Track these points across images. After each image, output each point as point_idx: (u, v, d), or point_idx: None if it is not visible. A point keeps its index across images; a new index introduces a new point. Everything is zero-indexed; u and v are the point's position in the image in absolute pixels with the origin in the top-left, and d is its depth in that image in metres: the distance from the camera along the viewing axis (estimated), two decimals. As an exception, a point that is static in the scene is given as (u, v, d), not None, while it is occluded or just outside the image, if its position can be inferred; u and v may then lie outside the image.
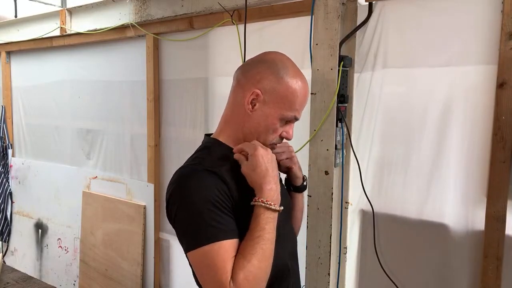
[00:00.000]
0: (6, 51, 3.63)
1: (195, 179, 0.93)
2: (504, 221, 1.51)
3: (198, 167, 0.97)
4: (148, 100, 2.66)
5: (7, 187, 3.76)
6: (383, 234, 1.83)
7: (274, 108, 1.01)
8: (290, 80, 1.01)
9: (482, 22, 1.55)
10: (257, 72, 1.03)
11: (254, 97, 1.01)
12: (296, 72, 1.04)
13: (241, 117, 1.04)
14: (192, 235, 0.91)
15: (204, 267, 0.89)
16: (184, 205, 0.92)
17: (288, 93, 1.01)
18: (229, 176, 0.97)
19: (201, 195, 0.90)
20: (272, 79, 1.01)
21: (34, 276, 3.60)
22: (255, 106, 1.02)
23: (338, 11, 1.69)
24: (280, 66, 1.03)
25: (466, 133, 1.61)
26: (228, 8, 2.11)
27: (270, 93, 1.01)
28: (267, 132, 1.03)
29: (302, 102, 1.04)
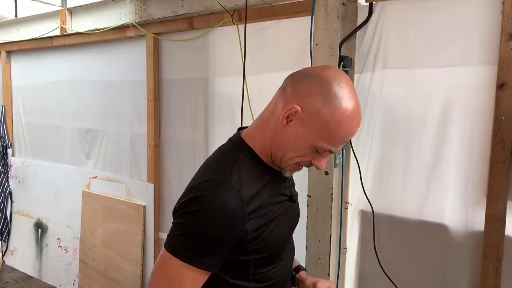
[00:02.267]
0: (6, 50, 3.63)
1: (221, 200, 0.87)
2: (504, 221, 1.51)
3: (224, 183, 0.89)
4: (148, 100, 2.66)
5: (7, 187, 3.76)
6: (382, 235, 1.83)
7: (309, 133, 0.89)
8: (338, 109, 0.86)
9: (482, 23, 1.55)
10: (306, 86, 0.90)
11: (292, 113, 0.89)
12: (350, 103, 0.88)
13: (274, 128, 0.94)
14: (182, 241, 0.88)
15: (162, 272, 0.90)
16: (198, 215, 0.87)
17: (331, 123, 0.87)
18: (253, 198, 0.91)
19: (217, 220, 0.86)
20: (319, 100, 0.87)
21: (33, 276, 3.60)
22: (291, 122, 0.90)
23: (338, 12, 1.69)
24: (334, 87, 0.87)
25: (466, 134, 1.61)
26: (228, 8, 2.11)
27: (310, 115, 0.88)
28: (294, 152, 0.93)
29: (343, 137, 0.90)
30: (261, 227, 0.93)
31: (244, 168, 0.94)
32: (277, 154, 0.95)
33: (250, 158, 0.97)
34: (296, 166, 0.97)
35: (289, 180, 1.08)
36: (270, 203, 0.96)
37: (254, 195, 0.91)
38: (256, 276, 0.97)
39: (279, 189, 1.02)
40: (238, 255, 0.93)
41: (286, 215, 1.03)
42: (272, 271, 1.01)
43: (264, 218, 0.93)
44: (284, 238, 1.04)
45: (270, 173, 0.99)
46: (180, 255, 0.87)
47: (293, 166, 0.96)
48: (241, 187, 0.89)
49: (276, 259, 1.01)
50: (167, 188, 2.69)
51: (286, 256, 1.06)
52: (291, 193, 1.07)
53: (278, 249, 1.00)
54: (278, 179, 1.01)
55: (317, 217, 1.79)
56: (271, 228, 0.95)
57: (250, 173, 0.94)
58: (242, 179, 0.91)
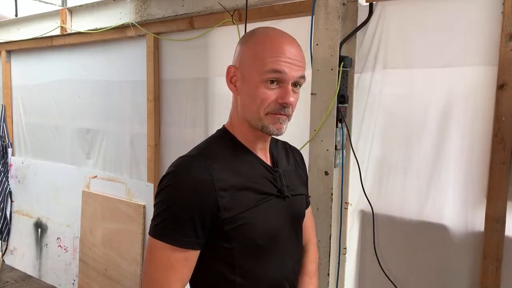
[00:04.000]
0: (6, 50, 3.63)
1: (185, 174, 0.88)
2: (504, 222, 1.51)
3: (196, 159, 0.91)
4: (148, 100, 2.66)
5: (7, 186, 3.76)
6: (382, 235, 1.83)
7: (250, 74, 0.91)
8: (256, 39, 0.93)
9: (483, 23, 1.55)
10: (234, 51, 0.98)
11: (231, 73, 0.95)
12: (265, 30, 0.95)
13: (235, 102, 0.98)
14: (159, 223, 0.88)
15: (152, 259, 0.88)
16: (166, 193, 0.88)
17: (257, 49, 0.91)
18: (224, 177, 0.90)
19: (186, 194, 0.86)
20: (241, 48, 0.95)
21: (33, 275, 3.59)
22: (236, 83, 0.95)
23: (338, 12, 1.69)
24: (250, 33, 0.97)
25: (466, 134, 1.61)
26: (229, 8, 2.11)
27: (242, 62, 0.94)
28: (254, 102, 0.91)
29: (276, 50, 0.90)
30: (238, 209, 0.90)
31: (219, 148, 0.96)
32: (248, 119, 0.95)
33: (228, 141, 0.99)
34: (271, 117, 0.92)
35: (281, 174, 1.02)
36: (250, 185, 0.94)
37: (226, 174, 0.90)
38: (242, 270, 0.92)
39: (265, 176, 0.98)
40: (219, 240, 0.90)
41: (277, 207, 0.98)
42: (262, 269, 0.95)
43: (240, 201, 0.91)
44: (275, 229, 0.97)
45: (252, 158, 0.99)
46: (159, 236, 0.87)
47: (268, 118, 0.92)
48: (211, 164, 0.90)
49: (265, 253, 0.95)
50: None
51: (282, 253, 0.99)
52: (282, 187, 1.00)
53: (266, 241, 0.94)
54: (264, 166, 1.00)
55: (317, 217, 1.79)
56: (255, 214, 0.92)
57: (226, 154, 0.95)
58: (214, 157, 0.92)
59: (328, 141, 1.75)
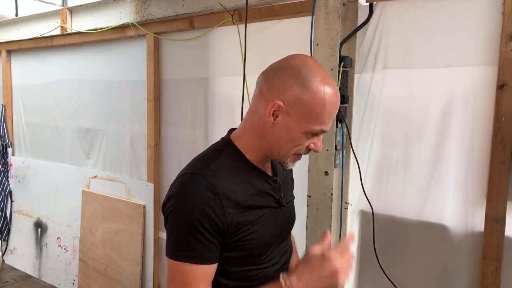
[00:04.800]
0: (6, 50, 3.63)
1: (193, 193, 0.90)
2: (504, 222, 1.51)
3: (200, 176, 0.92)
4: (148, 99, 2.66)
5: (7, 186, 3.76)
6: (382, 235, 1.82)
7: (298, 121, 0.92)
8: (317, 90, 0.90)
9: (483, 23, 1.55)
10: (280, 81, 0.93)
11: (276, 109, 0.92)
12: (324, 79, 0.92)
13: (261, 128, 0.96)
14: (173, 245, 0.92)
15: (172, 279, 0.92)
16: (175, 214, 0.91)
17: (315, 105, 0.91)
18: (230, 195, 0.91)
19: (192, 215, 0.88)
20: (297, 89, 0.91)
21: (33, 275, 3.59)
22: (277, 117, 0.93)
23: (338, 12, 1.69)
24: (306, 73, 0.92)
25: (466, 134, 1.61)
26: (229, 8, 2.11)
27: (294, 105, 0.91)
28: (289, 144, 0.95)
29: (330, 113, 0.93)
30: (242, 225, 0.93)
31: (225, 165, 0.96)
32: (273, 151, 0.97)
33: (233, 157, 0.99)
34: (296, 157, 0.99)
35: (279, 184, 1.06)
36: (253, 202, 0.96)
37: (232, 190, 0.92)
38: (236, 275, 0.97)
39: (265, 190, 1.01)
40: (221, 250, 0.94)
41: (273, 217, 1.02)
42: (255, 272, 1.00)
43: (244, 217, 0.93)
44: (270, 239, 1.02)
45: (256, 174, 1.00)
46: (176, 256, 0.90)
47: (293, 157, 0.98)
48: (217, 181, 0.91)
49: (259, 259, 1.00)
50: (167, 188, 2.64)
51: (275, 257, 1.04)
52: (280, 197, 1.05)
53: (261, 250, 0.99)
54: (266, 180, 1.02)
55: (317, 217, 1.79)
56: (255, 228, 0.95)
57: (230, 170, 0.96)
58: (219, 174, 0.93)
59: (328, 141, 1.75)
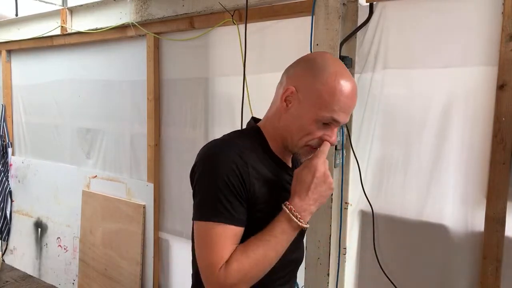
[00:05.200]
0: (6, 49, 3.63)
1: (223, 154, 0.91)
2: (504, 222, 1.51)
3: (231, 144, 0.95)
4: (148, 99, 2.66)
5: (7, 186, 3.76)
6: (382, 235, 1.83)
7: (308, 108, 0.94)
8: (328, 77, 0.92)
9: (483, 24, 1.55)
10: (296, 70, 0.99)
11: (289, 94, 0.96)
12: (338, 71, 0.94)
13: (278, 116, 1.00)
14: (203, 206, 0.91)
15: (203, 241, 0.90)
16: (204, 175, 0.91)
17: (324, 92, 0.92)
18: (256, 167, 0.94)
19: (222, 172, 0.89)
20: (308, 76, 0.94)
21: (33, 275, 3.59)
22: (290, 104, 0.96)
23: (338, 12, 1.69)
24: (320, 63, 0.95)
25: (466, 134, 1.61)
26: (229, 8, 2.11)
27: (305, 92, 0.94)
28: (299, 133, 0.96)
29: (343, 103, 0.93)
30: (262, 200, 0.94)
31: (252, 146, 0.98)
32: (286, 139, 0.99)
33: (260, 142, 1.01)
34: (309, 149, 0.98)
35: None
36: (276, 183, 0.98)
37: (257, 164, 0.94)
38: None
39: (286, 180, 1.02)
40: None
41: None
42: None
43: (265, 193, 0.95)
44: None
45: (278, 162, 1.02)
46: (209, 216, 0.89)
47: (305, 149, 0.98)
48: (244, 152, 0.93)
49: None
50: (167, 188, 2.69)
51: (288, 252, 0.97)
52: None
53: None
54: (286, 171, 1.04)
55: (317, 217, 1.79)
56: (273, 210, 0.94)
57: (256, 152, 0.98)
58: (247, 148, 0.95)
59: (328, 141, 1.75)
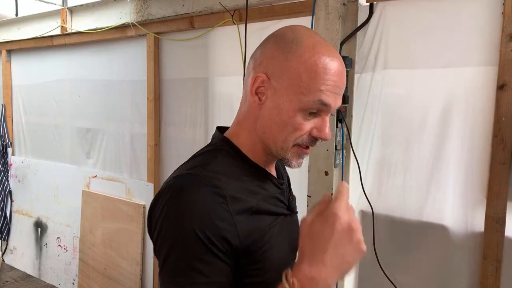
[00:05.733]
0: (6, 49, 3.63)
1: (191, 196, 0.68)
2: (504, 222, 1.51)
3: (200, 178, 0.71)
4: (148, 99, 2.66)
5: (7, 186, 3.76)
6: (382, 235, 1.82)
7: (287, 96, 0.72)
8: (304, 52, 0.71)
9: (483, 24, 1.55)
10: (261, 51, 0.76)
11: (259, 84, 0.74)
12: (316, 42, 0.73)
13: (251, 115, 0.77)
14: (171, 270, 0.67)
15: None
16: (168, 232, 0.68)
17: (304, 69, 0.71)
18: (238, 196, 0.71)
19: (193, 222, 0.66)
20: (280, 55, 0.73)
21: (33, 275, 3.59)
22: (263, 96, 0.74)
23: (339, 12, 1.69)
24: (292, 37, 0.73)
25: (466, 135, 1.61)
26: (229, 8, 2.11)
27: (279, 76, 0.72)
28: (283, 130, 0.74)
29: (330, 81, 0.72)
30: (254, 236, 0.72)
31: (226, 165, 0.76)
32: (267, 142, 0.77)
33: (234, 156, 0.79)
34: (299, 149, 0.76)
35: (286, 185, 0.88)
36: (264, 207, 0.76)
37: (239, 193, 0.72)
38: None
39: (275, 195, 0.82)
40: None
41: (287, 227, 0.82)
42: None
43: (256, 222, 0.74)
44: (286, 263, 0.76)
45: (262, 175, 0.81)
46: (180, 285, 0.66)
47: (294, 150, 0.76)
48: (220, 183, 0.70)
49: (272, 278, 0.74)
50: (167, 188, 2.69)
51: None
52: (290, 202, 0.85)
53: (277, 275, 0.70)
54: (273, 183, 0.83)
55: (316, 217, 1.79)
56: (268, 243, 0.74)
57: (233, 171, 0.76)
58: (221, 175, 0.72)
59: (328, 141, 1.75)
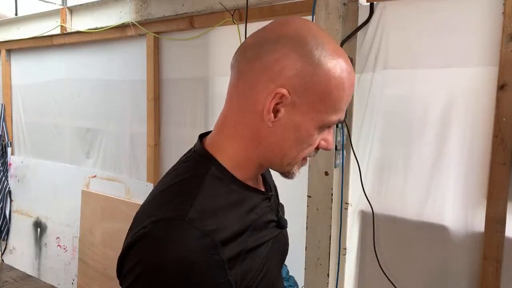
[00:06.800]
0: (6, 49, 3.62)
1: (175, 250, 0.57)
2: (504, 223, 1.51)
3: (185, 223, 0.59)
4: (148, 99, 2.66)
5: (6, 186, 3.75)
6: (382, 235, 1.82)
7: (309, 113, 0.65)
8: (332, 66, 0.64)
9: (483, 24, 1.55)
10: (274, 58, 0.63)
11: (278, 100, 0.64)
12: (336, 50, 0.66)
13: (255, 130, 0.67)
14: None
15: None
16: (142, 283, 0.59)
17: (332, 87, 0.64)
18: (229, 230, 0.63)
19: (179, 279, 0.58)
20: (306, 68, 0.63)
21: (32, 275, 3.59)
22: (278, 112, 0.65)
23: (339, 12, 1.69)
24: (313, 43, 0.63)
25: (467, 135, 1.61)
26: (229, 8, 2.11)
27: (301, 92, 0.64)
28: (298, 146, 0.68)
29: (349, 96, 0.68)
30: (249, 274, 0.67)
31: (212, 194, 0.66)
32: (273, 160, 0.70)
33: (221, 179, 0.68)
34: (304, 161, 0.73)
35: (275, 199, 0.81)
36: (257, 241, 0.70)
37: (233, 233, 0.64)
38: None
39: (265, 215, 0.74)
40: None
41: (276, 249, 0.77)
42: None
43: (253, 264, 0.68)
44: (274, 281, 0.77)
45: (252, 196, 0.72)
46: None
47: (300, 163, 0.72)
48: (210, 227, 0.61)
49: None
50: (167, 188, 2.69)
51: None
52: (279, 217, 0.79)
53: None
54: (261, 200, 0.74)
55: (317, 217, 1.79)
56: (262, 273, 0.70)
57: (222, 201, 0.66)
58: (210, 210, 0.63)
59: (328, 141, 1.74)
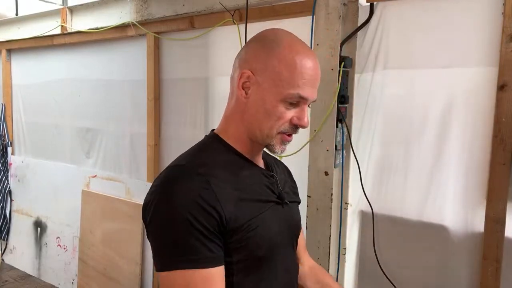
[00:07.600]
0: (6, 49, 3.63)
1: (179, 186, 0.78)
2: (504, 223, 1.51)
3: (188, 168, 0.82)
4: (148, 99, 2.66)
5: (7, 185, 3.75)
6: (382, 235, 1.82)
7: (270, 89, 0.84)
8: (282, 51, 0.84)
9: (483, 24, 1.55)
10: (246, 52, 0.89)
11: (245, 79, 0.86)
12: (293, 42, 0.86)
13: (238, 108, 0.89)
14: (165, 251, 0.77)
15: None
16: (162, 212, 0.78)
17: (284, 66, 0.83)
18: (226, 183, 0.82)
19: (182, 208, 0.76)
20: (262, 54, 0.85)
21: (32, 275, 3.59)
22: (249, 90, 0.86)
23: (339, 12, 1.69)
24: (272, 38, 0.86)
25: (466, 135, 1.61)
26: (229, 8, 2.11)
27: (262, 72, 0.84)
28: (268, 119, 0.85)
29: (307, 75, 0.84)
30: (243, 219, 0.81)
31: (214, 157, 0.87)
32: (254, 132, 0.88)
33: (223, 149, 0.90)
34: (283, 137, 0.88)
35: (277, 180, 0.97)
36: (252, 194, 0.87)
37: (227, 182, 0.82)
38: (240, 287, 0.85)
39: (264, 183, 0.92)
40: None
41: (276, 215, 0.91)
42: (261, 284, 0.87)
43: (244, 211, 0.83)
44: (276, 239, 0.89)
45: (250, 166, 0.92)
46: (173, 264, 0.76)
47: (279, 137, 0.88)
48: (208, 171, 0.81)
49: (264, 266, 0.87)
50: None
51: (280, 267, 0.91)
52: (280, 192, 0.94)
53: (267, 251, 0.86)
54: (262, 173, 0.94)
55: (316, 217, 1.79)
56: (257, 223, 0.84)
57: (222, 162, 0.87)
58: (209, 165, 0.83)
59: (328, 141, 1.75)
